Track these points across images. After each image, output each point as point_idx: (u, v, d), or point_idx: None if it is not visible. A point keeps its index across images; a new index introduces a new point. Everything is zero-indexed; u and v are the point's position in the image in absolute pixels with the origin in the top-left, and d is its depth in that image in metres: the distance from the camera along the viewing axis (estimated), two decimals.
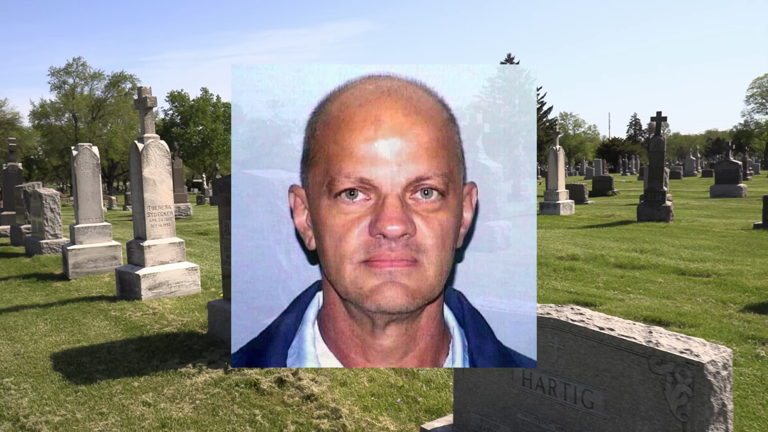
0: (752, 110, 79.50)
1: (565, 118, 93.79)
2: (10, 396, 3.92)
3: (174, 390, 3.88)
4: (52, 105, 56.43)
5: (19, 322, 5.93)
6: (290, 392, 3.74)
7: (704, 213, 15.00)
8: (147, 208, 6.91)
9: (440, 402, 3.57)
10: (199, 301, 6.53)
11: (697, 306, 5.84)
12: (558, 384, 2.46)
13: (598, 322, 2.39)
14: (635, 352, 2.18)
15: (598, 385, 2.31)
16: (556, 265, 8.18)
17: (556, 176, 16.45)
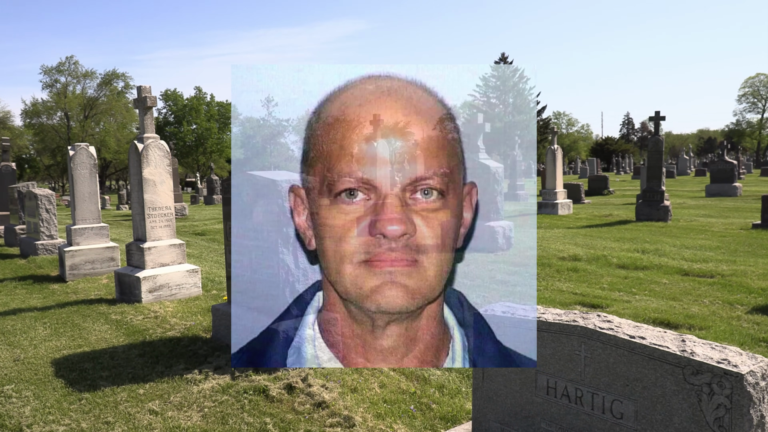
0: (744, 110, 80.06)
1: (559, 117, 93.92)
2: (12, 404, 3.82)
3: (181, 397, 3.78)
4: (44, 104, 55.98)
5: (17, 326, 5.82)
6: (300, 399, 3.65)
7: (702, 212, 15.01)
8: (147, 209, 6.80)
9: (455, 409, 3.50)
10: (200, 304, 6.43)
11: (704, 308, 5.80)
12: (585, 393, 2.40)
13: (628, 329, 2.33)
14: (669, 362, 2.12)
15: (628, 395, 2.25)
16: (559, 265, 8.14)
17: (554, 175, 16.42)
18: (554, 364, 2.51)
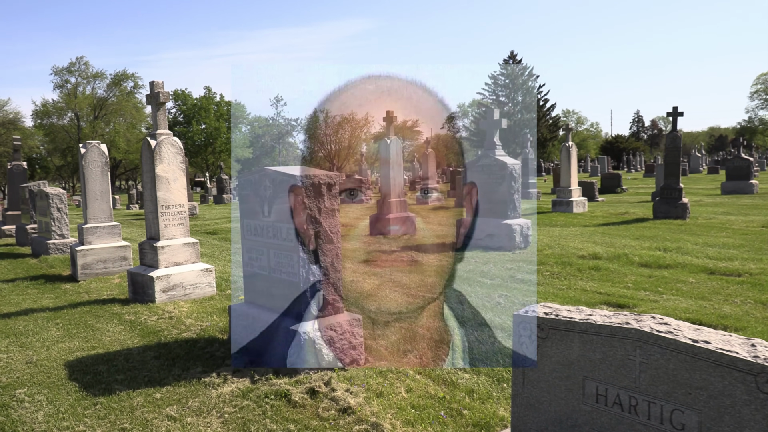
0: (756, 107, 79.16)
1: (567, 115, 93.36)
2: (24, 409, 3.68)
3: (200, 402, 3.63)
4: (54, 104, 56.28)
5: (29, 326, 5.69)
6: (324, 404, 3.49)
7: (720, 210, 14.73)
8: (160, 207, 6.67)
9: (487, 415, 3.32)
10: (215, 303, 6.28)
11: (736, 308, 5.59)
12: (640, 402, 2.22)
13: (689, 333, 2.14)
14: (739, 369, 1.93)
15: (691, 405, 2.07)
16: (580, 264, 7.93)
17: (569, 173, 16.18)
18: (604, 370, 2.33)
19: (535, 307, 2.67)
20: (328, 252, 4.14)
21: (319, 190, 3.98)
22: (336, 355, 4.07)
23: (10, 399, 3.86)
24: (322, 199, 4.02)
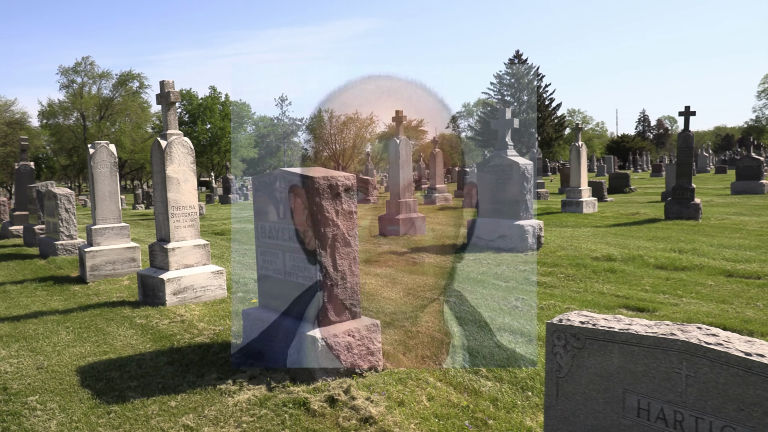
0: (764, 106, 78.64)
1: (573, 114, 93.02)
2: (36, 418, 3.59)
3: (216, 411, 3.53)
4: (60, 104, 56.46)
5: (39, 330, 5.61)
6: (345, 413, 3.38)
7: (732, 210, 14.56)
8: (170, 208, 6.58)
9: (513, 425, 3.21)
10: (227, 307, 6.19)
11: (759, 312, 5.47)
12: (686, 417, 2.11)
13: (740, 345, 2.03)
14: None
15: (743, 422, 1.96)
16: (594, 266, 7.81)
17: (579, 173, 16.03)
18: (647, 383, 2.22)
19: (570, 316, 2.56)
20: (346, 255, 4.04)
21: (337, 191, 3.88)
22: (354, 361, 3.97)
23: (21, 407, 3.77)
24: (340, 201, 3.91)
